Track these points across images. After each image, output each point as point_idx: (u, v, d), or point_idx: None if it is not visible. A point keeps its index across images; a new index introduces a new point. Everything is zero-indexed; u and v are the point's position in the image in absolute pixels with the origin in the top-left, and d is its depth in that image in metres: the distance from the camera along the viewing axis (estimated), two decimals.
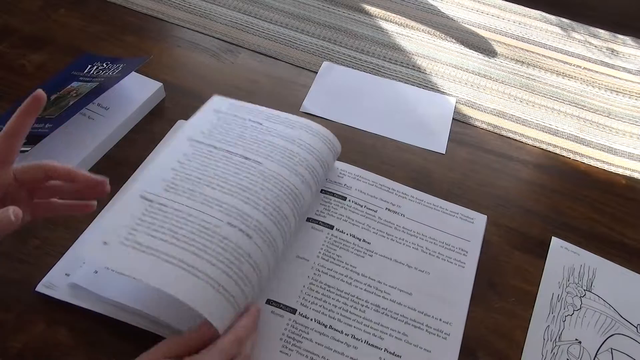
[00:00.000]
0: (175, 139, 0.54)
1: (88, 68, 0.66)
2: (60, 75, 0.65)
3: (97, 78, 0.64)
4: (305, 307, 0.51)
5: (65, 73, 0.65)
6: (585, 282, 0.57)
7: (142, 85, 0.67)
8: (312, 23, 0.85)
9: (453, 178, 0.65)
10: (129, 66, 0.66)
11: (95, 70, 0.65)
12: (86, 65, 0.66)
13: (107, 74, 0.65)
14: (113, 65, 0.66)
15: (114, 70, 0.65)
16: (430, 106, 0.74)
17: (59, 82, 0.64)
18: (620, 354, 0.52)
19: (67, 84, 0.63)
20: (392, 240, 0.57)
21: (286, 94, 0.73)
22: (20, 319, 0.48)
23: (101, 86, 0.63)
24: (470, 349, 0.51)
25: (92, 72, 0.65)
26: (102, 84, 0.64)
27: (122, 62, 0.67)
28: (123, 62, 0.67)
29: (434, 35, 0.86)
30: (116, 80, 0.64)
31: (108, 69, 0.65)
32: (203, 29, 0.80)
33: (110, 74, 0.65)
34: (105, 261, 0.43)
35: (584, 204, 0.65)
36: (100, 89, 0.63)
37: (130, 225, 0.45)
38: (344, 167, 0.63)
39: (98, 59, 0.67)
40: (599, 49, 0.88)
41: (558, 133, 0.74)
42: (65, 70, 0.66)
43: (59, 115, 0.59)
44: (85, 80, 0.64)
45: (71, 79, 0.64)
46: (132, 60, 0.68)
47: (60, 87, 0.63)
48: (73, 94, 0.62)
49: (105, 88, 0.63)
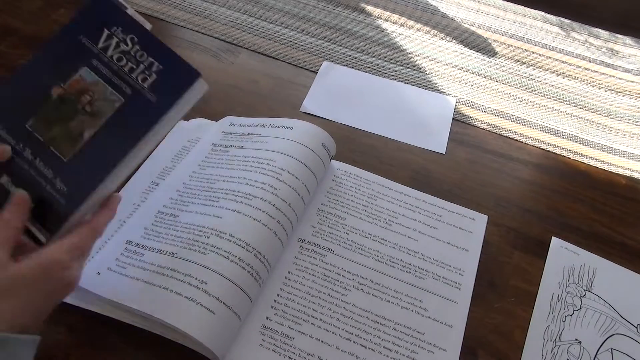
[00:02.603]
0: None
1: (105, 38, 0.43)
2: (62, 39, 0.44)
3: (118, 74, 0.43)
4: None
5: (70, 35, 0.44)
6: (585, 282, 0.57)
7: None
8: (312, 23, 0.85)
9: (453, 178, 0.65)
10: (171, 81, 0.43)
11: (114, 49, 0.43)
12: (101, 29, 0.43)
13: (131, 66, 0.43)
14: (141, 54, 0.43)
15: (143, 70, 0.43)
16: (430, 106, 0.74)
17: (60, 54, 0.44)
18: (620, 354, 0.52)
19: (73, 66, 0.43)
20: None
21: (286, 94, 0.73)
22: None
23: (127, 109, 0.43)
24: (470, 348, 0.51)
25: (109, 50, 0.43)
26: (129, 102, 0.43)
27: (159, 60, 0.43)
28: (160, 58, 0.44)
29: (434, 35, 0.86)
30: (155, 111, 0.42)
31: (133, 56, 0.43)
32: (203, 29, 0.80)
33: (137, 73, 0.43)
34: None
35: (584, 204, 0.65)
36: (126, 114, 0.42)
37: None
38: (344, 167, 0.63)
39: (119, 22, 0.44)
40: (599, 49, 0.88)
41: (558, 133, 0.74)
42: (70, 29, 0.44)
43: (75, 176, 0.42)
44: (99, 66, 0.43)
45: (79, 56, 0.44)
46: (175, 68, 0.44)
47: (65, 68, 0.44)
48: (86, 101, 0.43)
49: (133, 115, 0.43)
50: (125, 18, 0.44)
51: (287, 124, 0.60)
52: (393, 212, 0.60)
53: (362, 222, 0.58)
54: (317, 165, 0.57)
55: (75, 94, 0.43)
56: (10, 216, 0.40)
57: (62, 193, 0.42)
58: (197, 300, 0.44)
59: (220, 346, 0.44)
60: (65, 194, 0.42)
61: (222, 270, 0.46)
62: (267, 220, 0.50)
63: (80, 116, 0.43)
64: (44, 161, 0.42)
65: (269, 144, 0.57)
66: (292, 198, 0.53)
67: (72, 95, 0.43)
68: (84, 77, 0.43)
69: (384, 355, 0.49)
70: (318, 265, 0.54)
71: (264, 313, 0.50)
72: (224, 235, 0.48)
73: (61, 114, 0.43)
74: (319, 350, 0.48)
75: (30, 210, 0.41)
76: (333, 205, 0.59)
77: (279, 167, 0.54)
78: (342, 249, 0.55)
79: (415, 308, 0.52)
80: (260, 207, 0.51)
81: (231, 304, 0.45)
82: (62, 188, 0.42)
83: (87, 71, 0.43)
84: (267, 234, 0.50)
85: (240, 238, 0.48)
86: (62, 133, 0.42)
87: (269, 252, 0.50)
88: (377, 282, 0.54)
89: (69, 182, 0.42)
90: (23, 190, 0.41)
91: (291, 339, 0.49)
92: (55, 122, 0.43)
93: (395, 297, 0.53)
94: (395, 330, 0.51)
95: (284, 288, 0.52)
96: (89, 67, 0.43)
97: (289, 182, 0.53)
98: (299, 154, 0.56)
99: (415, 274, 0.55)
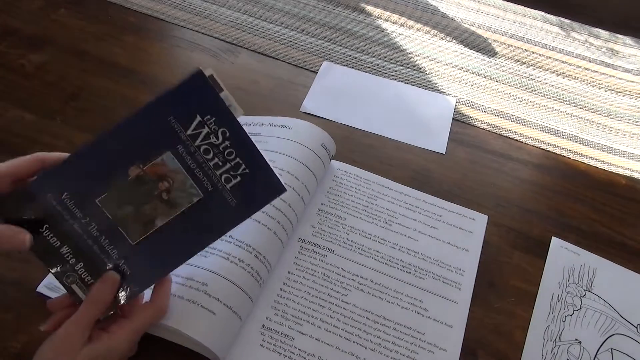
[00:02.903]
0: None
1: (195, 125, 0.40)
2: (151, 116, 0.40)
3: (202, 167, 0.41)
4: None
5: (160, 113, 0.40)
6: (585, 282, 0.57)
7: None
8: (312, 23, 0.85)
9: (453, 178, 0.65)
10: (255, 189, 0.42)
11: (203, 140, 0.40)
12: (194, 115, 0.40)
13: (217, 162, 0.41)
14: (230, 152, 0.41)
15: (229, 170, 0.41)
16: (430, 106, 0.74)
17: (145, 132, 0.40)
18: (620, 354, 0.52)
19: (157, 148, 0.40)
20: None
21: (286, 94, 0.73)
22: (20, 319, 0.48)
23: (205, 206, 0.41)
24: (470, 348, 0.51)
25: (198, 140, 0.40)
26: (208, 200, 0.41)
27: (248, 163, 0.41)
28: (249, 162, 0.41)
29: (434, 35, 0.86)
30: (233, 215, 0.42)
31: (222, 152, 0.40)
32: (203, 29, 0.80)
33: (222, 171, 0.41)
34: None
35: (584, 204, 0.65)
36: (202, 212, 0.41)
37: None
38: (343, 167, 0.63)
39: (214, 110, 0.40)
40: (599, 49, 0.88)
41: (558, 133, 0.74)
42: (161, 106, 0.39)
43: (142, 262, 0.42)
44: (185, 155, 0.40)
45: (165, 139, 0.40)
46: (261, 177, 0.42)
47: (148, 149, 0.40)
48: (163, 187, 0.40)
49: (209, 214, 0.41)
50: (221, 107, 0.40)
51: (287, 123, 0.60)
52: (393, 212, 0.60)
53: (362, 222, 0.58)
54: (317, 165, 0.57)
55: (154, 178, 0.40)
56: (97, 296, 0.41)
57: (124, 275, 0.42)
58: (198, 302, 0.44)
59: (220, 347, 0.44)
60: (129, 277, 0.42)
61: (222, 272, 0.46)
62: (267, 221, 0.50)
63: (155, 202, 0.41)
64: (109, 239, 0.41)
65: (268, 144, 0.57)
66: (292, 198, 0.53)
67: (150, 178, 0.40)
68: (167, 162, 0.40)
69: (384, 355, 0.49)
70: (318, 266, 0.54)
71: (264, 313, 0.50)
72: (224, 237, 0.48)
73: (136, 195, 0.41)
74: (319, 350, 0.48)
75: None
76: (333, 205, 0.59)
77: (278, 168, 0.54)
78: (342, 249, 0.55)
79: (415, 308, 0.52)
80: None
81: (231, 305, 0.45)
82: (125, 270, 0.42)
83: (170, 157, 0.40)
84: (267, 234, 0.50)
85: (241, 239, 0.48)
86: (133, 215, 0.41)
87: (269, 252, 0.50)
88: (377, 282, 0.54)
89: (134, 267, 0.42)
90: (114, 272, 0.42)
91: (291, 339, 0.49)
92: (127, 202, 0.41)
93: (396, 297, 0.53)
94: (396, 330, 0.51)
95: (284, 288, 0.52)
96: (172, 153, 0.40)
97: (289, 182, 0.53)
98: (299, 154, 0.56)
99: (415, 274, 0.55)
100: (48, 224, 0.40)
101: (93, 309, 0.40)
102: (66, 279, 0.42)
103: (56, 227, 0.41)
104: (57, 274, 0.42)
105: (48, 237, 0.41)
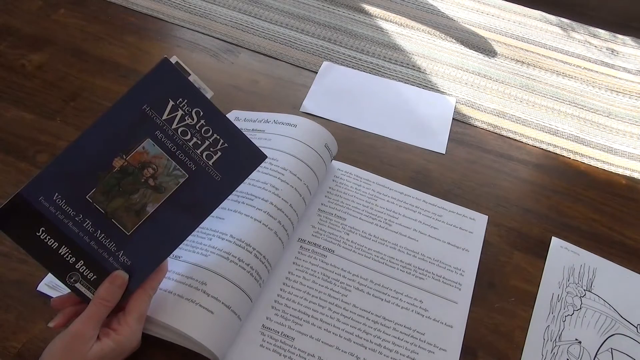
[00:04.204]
0: None
1: (169, 110, 0.42)
2: (125, 108, 0.42)
3: (182, 149, 0.42)
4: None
5: (134, 104, 0.42)
6: (585, 282, 0.57)
7: None
8: (312, 23, 0.85)
9: (453, 178, 0.65)
10: (237, 161, 0.43)
11: (179, 123, 0.42)
12: (166, 100, 0.42)
13: (196, 141, 0.42)
14: (207, 130, 0.42)
15: (208, 147, 0.42)
16: (430, 106, 0.74)
17: (123, 123, 0.42)
18: (620, 354, 0.52)
19: (137, 137, 0.42)
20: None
21: (286, 94, 0.73)
22: (20, 319, 0.48)
23: (191, 186, 0.42)
24: (470, 348, 0.51)
25: (174, 123, 0.42)
26: (193, 179, 0.42)
27: (225, 138, 0.42)
28: (226, 135, 0.43)
29: (434, 35, 0.86)
30: (220, 190, 0.43)
31: (199, 131, 0.42)
32: (203, 29, 0.80)
33: (202, 150, 0.42)
34: None
35: (584, 204, 0.65)
36: (190, 191, 0.42)
37: None
38: (343, 167, 0.63)
39: (185, 93, 0.42)
40: (599, 49, 0.88)
41: (558, 133, 0.74)
42: (134, 97, 0.42)
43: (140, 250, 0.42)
44: (164, 139, 0.42)
45: (142, 127, 0.42)
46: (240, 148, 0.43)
47: (127, 139, 0.42)
48: (148, 174, 0.42)
49: (197, 192, 0.42)
50: (190, 89, 0.42)
51: (291, 121, 0.59)
52: (393, 213, 0.60)
53: (362, 222, 0.58)
54: (319, 165, 0.57)
55: (138, 166, 0.42)
56: (107, 295, 0.41)
57: (126, 266, 0.42)
58: (196, 301, 0.44)
59: (220, 346, 0.44)
60: (130, 267, 0.42)
61: (222, 271, 0.46)
62: (268, 221, 0.50)
63: (143, 189, 0.42)
64: (105, 233, 0.42)
65: (272, 141, 0.57)
66: (294, 198, 0.53)
67: (134, 167, 0.42)
68: (148, 149, 0.42)
69: (384, 355, 0.49)
70: (318, 266, 0.54)
71: (264, 313, 0.50)
72: (225, 237, 0.48)
73: (123, 186, 0.42)
74: (319, 350, 0.48)
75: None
76: (333, 205, 0.59)
77: (281, 167, 0.54)
78: (342, 249, 0.55)
79: (415, 308, 0.52)
80: (261, 208, 0.51)
81: (231, 305, 0.45)
82: (125, 261, 0.42)
83: (150, 144, 0.42)
84: (268, 234, 0.50)
85: (241, 239, 0.48)
86: (124, 205, 0.42)
87: (270, 252, 0.50)
88: (377, 282, 0.54)
89: (132, 256, 0.42)
90: (122, 270, 0.42)
91: (291, 339, 0.49)
92: (116, 194, 0.42)
93: (396, 298, 0.53)
94: (396, 330, 0.51)
95: (284, 288, 0.52)
96: (152, 140, 0.42)
97: (291, 182, 0.53)
98: (302, 153, 0.56)
99: (415, 274, 0.55)
100: (44, 226, 0.41)
101: (102, 308, 0.41)
102: (69, 279, 0.42)
103: (52, 228, 0.41)
104: (60, 275, 0.42)
105: (45, 239, 0.41)
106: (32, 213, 0.41)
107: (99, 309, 0.41)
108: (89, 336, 0.39)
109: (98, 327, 0.40)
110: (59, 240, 0.41)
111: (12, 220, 0.41)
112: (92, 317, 0.40)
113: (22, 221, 0.41)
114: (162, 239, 0.43)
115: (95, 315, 0.40)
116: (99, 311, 0.41)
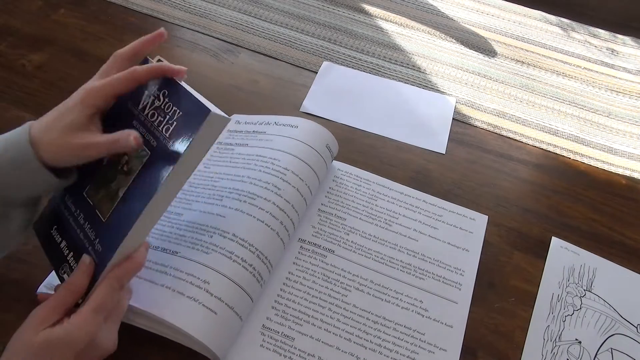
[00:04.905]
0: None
1: (144, 98, 0.44)
2: (115, 108, 0.44)
3: (150, 130, 0.43)
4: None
5: (121, 104, 0.44)
6: (585, 282, 0.57)
7: None
8: (312, 23, 0.85)
9: (453, 178, 0.65)
10: (186, 124, 0.41)
11: (150, 107, 0.43)
12: (142, 91, 0.44)
13: (160, 119, 0.42)
14: (169, 106, 0.42)
15: (167, 120, 0.42)
16: (430, 106, 0.74)
17: (112, 122, 0.44)
18: (620, 354, 0.52)
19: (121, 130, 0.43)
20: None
21: (286, 94, 0.73)
22: (21, 319, 0.48)
23: (152, 161, 0.42)
24: (470, 348, 0.51)
25: (147, 108, 0.43)
26: (154, 154, 0.42)
27: (179, 106, 0.42)
28: (179, 103, 0.42)
29: (434, 35, 0.86)
30: (171, 157, 0.41)
31: (163, 110, 0.42)
32: (203, 29, 0.80)
33: (163, 125, 0.42)
34: None
35: (584, 204, 0.65)
36: (150, 167, 0.41)
37: None
38: (343, 167, 0.63)
39: (156, 83, 0.44)
40: (599, 49, 0.88)
41: (558, 133, 0.74)
42: (122, 98, 0.44)
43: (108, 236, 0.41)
44: (138, 126, 0.43)
45: (125, 121, 0.44)
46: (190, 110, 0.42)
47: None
48: (124, 161, 0.42)
49: (155, 166, 0.41)
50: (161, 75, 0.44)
51: (292, 122, 0.59)
52: (393, 213, 0.60)
53: (363, 222, 0.58)
54: (320, 166, 0.57)
55: (119, 157, 0.43)
56: (72, 280, 0.40)
57: (97, 254, 0.41)
58: (199, 300, 0.44)
59: (221, 346, 0.44)
60: (100, 254, 0.41)
61: (225, 270, 0.46)
62: (270, 221, 0.50)
63: (119, 176, 0.42)
64: (90, 223, 0.42)
65: (273, 142, 0.57)
66: (295, 198, 0.53)
67: (117, 158, 0.43)
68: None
69: (384, 355, 0.49)
70: (318, 266, 0.54)
71: (265, 313, 0.50)
72: (227, 235, 0.48)
73: (106, 177, 0.43)
74: (320, 350, 0.48)
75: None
76: (333, 205, 0.59)
77: (283, 167, 0.54)
78: (342, 249, 0.56)
79: (415, 308, 0.52)
80: (263, 207, 0.51)
81: (233, 305, 0.45)
82: (98, 249, 0.41)
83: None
84: (270, 234, 0.50)
85: (244, 238, 0.48)
86: (105, 195, 0.42)
87: (271, 252, 0.50)
88: (377, 282, 0.54)
89: (103, 244, 0.41)
90: (87, 255, 0.41)
91: (292, 339, 0.49)
92: (102, 185, 0.43)
93: (396, 298, 0.53)
94: (396, 330, 0.51)
95: (285, 288, 0.52)
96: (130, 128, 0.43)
97: (293, 182, 0.53)
98: (304, 154, 0.56)
99: (415, 274, 0.55)
100: (57, 224, 0.44)
101: (68, 293, 0.39)
102: (60, 271, 0.43)
103: (60, 225, 0.44)
104: (58, 269, 0.43)
105: (54, 236, 0.44)
106: (50, 213, 0.45)
107: (64, 294, 0.39)
108: (47, 320, 0.38)
109: (55, 314, 0.39)
110: (62, 235, 0.44)
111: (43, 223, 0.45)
112: (56, 301, 0.39)
113: (46, 223, 0.45)
114: (124, 220, 0.40)
115: (58, 300, 0.39)
116: (64, 297, 0.39)
